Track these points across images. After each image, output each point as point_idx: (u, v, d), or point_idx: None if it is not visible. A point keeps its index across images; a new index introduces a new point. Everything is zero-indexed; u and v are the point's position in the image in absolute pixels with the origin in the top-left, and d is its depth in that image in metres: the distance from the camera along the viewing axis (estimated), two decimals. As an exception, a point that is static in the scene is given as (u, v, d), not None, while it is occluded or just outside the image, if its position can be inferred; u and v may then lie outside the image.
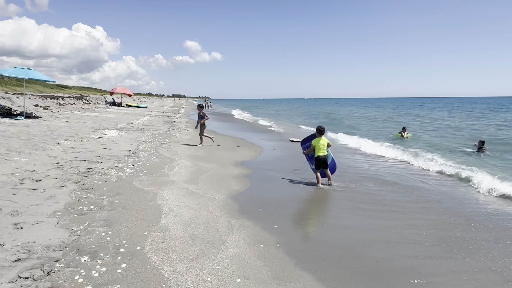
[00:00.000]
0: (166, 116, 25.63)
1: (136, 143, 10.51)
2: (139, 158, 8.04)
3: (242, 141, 13.33)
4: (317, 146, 6.62)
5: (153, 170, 6.89)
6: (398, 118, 32.41)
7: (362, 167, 8.79)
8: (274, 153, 10.72)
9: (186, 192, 5.49)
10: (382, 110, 53.77)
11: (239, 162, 8.63)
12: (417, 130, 20.74)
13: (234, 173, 7.31)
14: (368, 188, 6.54)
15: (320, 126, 6.91)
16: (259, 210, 4.89)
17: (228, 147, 11.43)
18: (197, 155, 9.30)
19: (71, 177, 5.77)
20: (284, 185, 6.59)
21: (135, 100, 60.35)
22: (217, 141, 12.62)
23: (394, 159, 10.18)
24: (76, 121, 15.24)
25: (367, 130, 20.76)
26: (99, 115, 20.71)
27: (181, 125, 18.35)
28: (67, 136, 10.52)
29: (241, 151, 10.70)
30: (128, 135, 12.46)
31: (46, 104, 22.80)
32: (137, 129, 14.54)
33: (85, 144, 9.41)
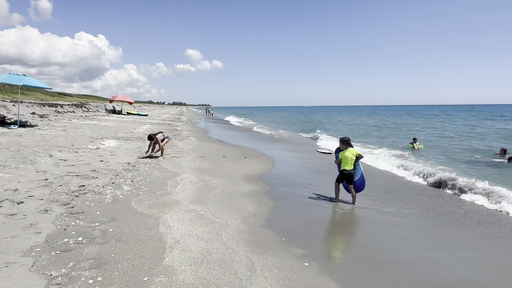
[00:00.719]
0: (167, 124, 24.89)
1: (136, 154, 9.72)
2: (139, 172, 7.24)
3: (248, 151, 12.53)
4: (344, 160, 5.96)
5: (154, 187, 6.08)
6: (396, 127, 31.64)
7: (382, 183, 7.98)
8: (283, 165, 9.91)
9: (193, 216, 4.67)
10: (388, 117, 53.09)
11: (249, 176, 7.82)
12: (424, 139, 19.94)
13: (245, 190, 6.50)
14: (400, 210, 5.72)
15: (343, 138, 6.21)
16: (283, 240, 4.06)
17: (234, 158, 10.63)
18: (202, 168, 8.49)
19: (60, 197, 4.95)
20: (304, 205, 5.78)
21: (136, 108, 59.82)
22: (223, 152, 11.83)
23: (413, 174, 9.35)
24: (73, 130, 14.48)
25: (373, 141, 19.98)
26: (98, 123, 19.97)
27: (183, 134, 17.59)
28: (62, 147, 9.73)
29: (249, 162, 9.89)
30: (127, 145, 11.68)
31: (43, 112, 22.07)
32: (137, 139, 13.76)
33: (80, 156, 8.61)
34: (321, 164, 10.44)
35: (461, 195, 6.84)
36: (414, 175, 8.66)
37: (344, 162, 5.94)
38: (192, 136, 17.09)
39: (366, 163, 9.73)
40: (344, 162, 5.94)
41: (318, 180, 7.95)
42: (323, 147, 15.24)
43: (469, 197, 6.62)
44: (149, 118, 33.52)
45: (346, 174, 5.92)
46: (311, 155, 12.77)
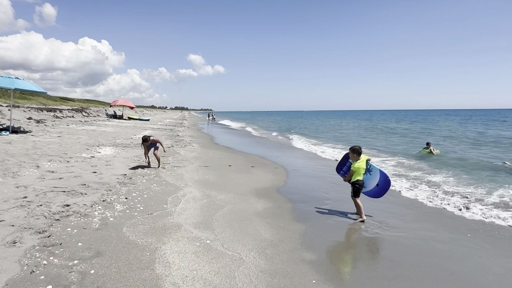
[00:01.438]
0: (169, 130, 24.09)
1: (134, 164, 8.86)
2: (135, 186, 6.37)
3: (254, 160, 11.66)
4: (357, 171, 5.44)
5: (152, 206, 5.20)
6: (402, 131, 30.72)
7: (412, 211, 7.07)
8: (294, 175, 9.01)
9: (198, 247, 3.79)
10: (397, 122, 52.15)
11: (259, 190, 6.93)
12: (435, 144, 18.99)
13: (257, 208, 5.61)
14: (439, 233, 4.81)
15: (354, 147, 5.56)
16: (314, 283, 3.17)
17: (241, 167, 9.76)
18: (206, 180, 7.62)
19: (36, 222, 4.09)
20: (331, 228, 4.88)
21: (137, 112, 59.22)
22: (228, 160, 10.96)
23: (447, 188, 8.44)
24: (69, 136, 13.67)
25: (382, 145, 19.04)
26: (97, 129, 19.18)
27: (185, 140, 16.74)
28: (53, 155, 8.89)
29: (258, 172, 9.01)
30: (125, 153, 10.83)
31: (41, 117, 21.34)
32: (136, 145, 12.91)
33: (71, 166, 7.77)
34: (332, 174, 9.54)
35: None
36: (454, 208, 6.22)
37: (357, 173, 5.42)
38: (195, 142, 16.25)
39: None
40: (357, 173, 5.43)
41: (335, 193, 7.05)
42: (309, 149, 14.36)
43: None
44: (150, 123, 32.76)
45: (360, 185, 5.42)
46: (319, 162, 11.87)
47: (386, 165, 11.48)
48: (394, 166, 11.09)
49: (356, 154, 5.47)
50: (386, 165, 11.48)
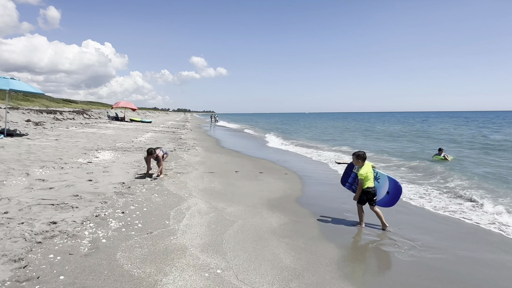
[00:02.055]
0: (171, 132, 23.45)
1: (134, 170, 8.20)
2: (134, 197, 5.71)
3: (262, 164, 10.97)
4: (366, 177, 5.00)
5: (152, 222, 4.53)
6: (410, 134, 29.93)
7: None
8: (307, 182, 8.31)
9: (207, 279, 3.11)
10: (403, 124, 51.33)
11: (272, 201, 6.24)
12: (447, 149, 18.23)
13: (272, 223, 4.92)
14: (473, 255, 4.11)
15: (359, 153, 5.11)
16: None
17: (248, 173, 9.07)
18: (212, 188, 6.94)
19: (13, 246, 3.42)
20: (361, 250, 4.20)
21: (140, 114, 58.76)
22: (234, 165, 10.28)
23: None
24: (67, 140, 13.04)
25: (393, 151, 18.30)
26: (97, 131, 18.57)
27: (188, 143, 16.09)
28: (46, 161, 8.25)
29: (267, 179, 8.32)
30: (125, 157, 10.18)
31: (40, 119, 20.76)
32: (137, 149, 12.27)
33: (65, 173, 7.11)
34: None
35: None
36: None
37: (366, 179, 5.00)
38: (198, 145, 15.59)
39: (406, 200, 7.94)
40: (366, 180, 5.00)
41: (354, 203, 6.35)
42: (308, 154, 13.64)
43: None
44: (152, 125, 32.17)
45: (370, 192, 5.00)
46: (328, 168, 11.16)
47: (401, 171, 10.76)
48: (409, 173, 10.37)
49: (361, 160, 5.03)
50: (401, 171, 10.76)
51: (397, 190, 5.11)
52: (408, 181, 9.01)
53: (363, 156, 5.03)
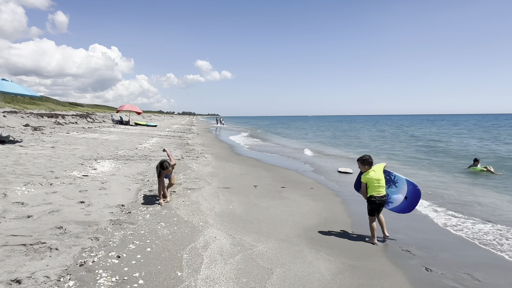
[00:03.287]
0: (177, 137, 22.24)
1: (136, 186, 6.94)
2: (135, 229, 4.42)
3: (281, 174, 9.66)
4: (369, 183, 4.63)
5: (158, 275, 3.23)
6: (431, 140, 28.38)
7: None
8: (346, 200, 6.96)
9: None
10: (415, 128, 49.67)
11: (308, 231, 4.90)
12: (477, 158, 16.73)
13: (322, 272, 3.58)
14: None
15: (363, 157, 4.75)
16: None
17: (270, 188, 7.76)
18: (232, 211, 5.63)
19: None
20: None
21: (145, 118, 57.87)
22: (250, 176, 8.97)
23: None
24: (65, 147, 11.86)
25: (422, 163, 16.86)
26: (99, 136, 17.40)
27: (196, 150, 14.83)
28: (34, 175, 7.01)
29: (293, 197, 7.01)
30: (127, 168, 8.93)
31: (40, 123, 19.69)
32: (141, 158, 11.03)
33: (53, 192, 5.85)
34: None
35: None
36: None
37: (371, 186, 4.60)
38: (208, 152, 14.33)
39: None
40: (371, 187, 4.60)
41: (421, 234, 5.01)
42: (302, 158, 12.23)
43: None
44: (157, 129, 31.05)
45: (376, 201, 4.57)
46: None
47: (434, 184, 9.33)
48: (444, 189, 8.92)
49: (367, 165, 4.66)
50: (434, 184, 9.33)
51: (416, 195, 4.77)
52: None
53: (368, 160, 4.65)
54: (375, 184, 4.56)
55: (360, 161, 4.74)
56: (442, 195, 7.91)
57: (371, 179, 4.57)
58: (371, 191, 4.58)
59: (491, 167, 11.57)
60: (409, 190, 4.80)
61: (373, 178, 4.56)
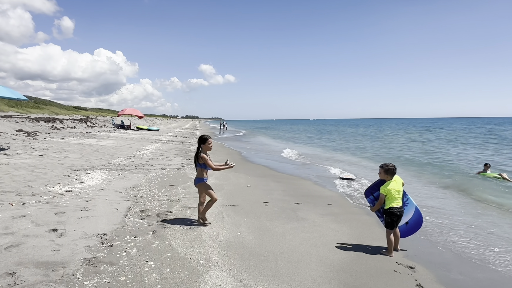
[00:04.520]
0: (179, 142, 21.22)
1: (126, 204, 5.88)
2: (115, 271, 3.34)
3: (293, 186, 8.55)
4: (389, 195, 4.32)
5: None
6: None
7: None
8: (370, 218, 5.84)
9: None
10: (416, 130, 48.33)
11: (340, 271, 3.79)
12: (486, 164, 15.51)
13: None
14: None
15: (387, 165, 4.41)
16: None
17: (282, 205, 6.65)
18: (240, 241, 4.53)
19: None
20: None
21: (148, 122, 57.10)
22: (260, 190, 7.87)
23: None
24: (55, 155, 10.85)
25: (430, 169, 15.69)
26: (96, 142, 16.42)
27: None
28: (7, 192, 5.96)
29: (311, 217, 5.90)
30: (119, 180, 7.88)
31: (35, 128, 18.77)
32: (137, 167, 9.99)
33: (21, 216, 4.79)
34: (437, 215, 6.33)
35: None
36: None
37: (390, 197, 4.33)
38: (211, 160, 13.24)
39: None
40: (390, 198, 4.33)
41: (477, 267, 3.90)
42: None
43: None
44: (159, 133, 30.09)
45: (396, 213, 4.33)
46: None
47: (445, 195, 8.16)
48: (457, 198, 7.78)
49: (389, 175, 4.39)
50: (445, 195, 8.16)
51: (417, 224, 4.70)
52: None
53: (392, 170, 4.36)
54: (395, 196, 4.33)
55: (384, 169, 4.41)
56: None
57: (390, 191, 4.31)
58: (390, 202, 4.33)
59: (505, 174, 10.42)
60: (413, 218, 4.71)
61: (394, 189, 4.32)
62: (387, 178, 4.41)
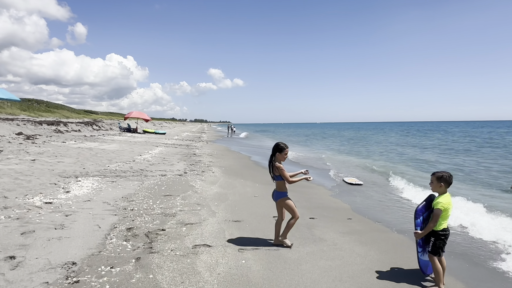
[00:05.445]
0: (185, 146, 20.41)
1: (112, 220, 4.99)
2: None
3: (304, 194, 7.55)
4: (445, 213, 3.45)
5: None
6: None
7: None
8: (400, 237, 4.82)
9: None
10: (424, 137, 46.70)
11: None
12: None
13: None
14: None
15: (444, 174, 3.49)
16: None
17: (298, 224, 5.69)
18: (245, 274, 3.56)
19: None
20: None
21: (156, 125, 56.77)
22: (268, 201, 6.90)
23: None
24: (48, 160, 10.09)
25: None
26: (98, 146, 15.70)
27: (203, 162, 12.89)
28: (-24, 204, 5.17)
29: (329, 236, 4.92)
30: (111, 189, 7.03)
31: (37, 131, 18.20)
32: (135, 173, 9.14)
33: (-19, 235, 3.96)
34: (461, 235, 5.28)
35: None
36: None
37: (445, 215, 3.47)
38: (216, 165, 12.35)
39: None
40: (445, 216, 3.48)
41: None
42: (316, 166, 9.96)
43: None
44: (166, 137, 29.41)
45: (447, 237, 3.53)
46: (411, 203, 7.59)
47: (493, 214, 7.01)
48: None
49: (445, 185, 3.48)
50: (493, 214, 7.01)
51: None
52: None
53: (448, 179, 3.49)
54: (449, 214, 3.53)
55: (437, 178, 3.52)
56: None
57: (446, 209, 3.45)
58: (444, 221, 3.49)
59: None
60: None
61: (451, 205, 3.49)
62: (441, 189, 3.53)
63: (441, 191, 3.54)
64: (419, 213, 3.67)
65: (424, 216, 3.68)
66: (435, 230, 3.50)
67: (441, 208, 3.42)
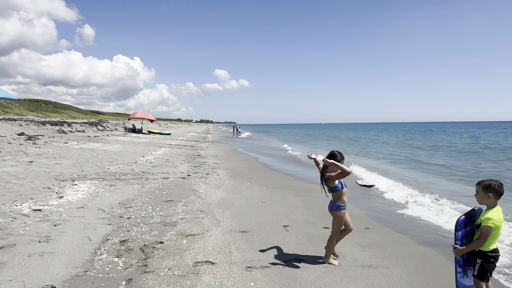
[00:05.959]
0: (189, 147, 19.94)
1: (105, 230, 4.48)
2: None
3: (315, 200, 6.96)
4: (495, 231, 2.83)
5: None
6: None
7: None
8: (430, 252, 4.23)
9: None
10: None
11: None
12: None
13: None
14: None
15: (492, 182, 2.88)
16: None
17: (309, 231, 5.10)
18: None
19: None
20: None
21: (161, 125, 56.57)
22: (277, 208, 6.33)
23: None
24: (46, 161, 9.66)
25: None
26: (100, 147, 15.30)
27: (208, 163, 12.37)
28: (-44, 212, 4.71)
29: (349, 250, 4.35)
30: (109, 194, 6.53)
31: (39, 132, 17.89)
32: (136, 176, 8.66)
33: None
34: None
35: None
36: None
37: (495, 234, 2.85)
38: (221, 167, 11.83)
39: None
40: (495, 235, 2.86)
41: None
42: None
43: None
44: (171, 137, 29.01)
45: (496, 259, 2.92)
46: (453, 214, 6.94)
47: None
48: None
49: (494, 195, 2.85)
50: None
51: None
52: None
53: (497, 188, 2.82)
54: (500, 232, 2.91)
55: (484, 187, 2.90)
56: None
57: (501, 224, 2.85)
58: (493, 241, 2.88)
59: None
60: None
61: (503, 221, 2.88)
62: (490, 201, 2.92)
63: (489, 203, 2.91)
64: (461, 226, 3.03)
65: (467, 230, 3.07)
66: (482, 251, 2.90)
67: (492, 226, 2.81)
